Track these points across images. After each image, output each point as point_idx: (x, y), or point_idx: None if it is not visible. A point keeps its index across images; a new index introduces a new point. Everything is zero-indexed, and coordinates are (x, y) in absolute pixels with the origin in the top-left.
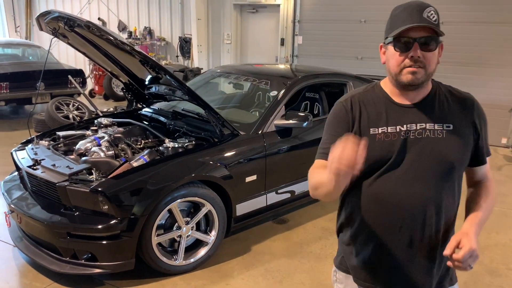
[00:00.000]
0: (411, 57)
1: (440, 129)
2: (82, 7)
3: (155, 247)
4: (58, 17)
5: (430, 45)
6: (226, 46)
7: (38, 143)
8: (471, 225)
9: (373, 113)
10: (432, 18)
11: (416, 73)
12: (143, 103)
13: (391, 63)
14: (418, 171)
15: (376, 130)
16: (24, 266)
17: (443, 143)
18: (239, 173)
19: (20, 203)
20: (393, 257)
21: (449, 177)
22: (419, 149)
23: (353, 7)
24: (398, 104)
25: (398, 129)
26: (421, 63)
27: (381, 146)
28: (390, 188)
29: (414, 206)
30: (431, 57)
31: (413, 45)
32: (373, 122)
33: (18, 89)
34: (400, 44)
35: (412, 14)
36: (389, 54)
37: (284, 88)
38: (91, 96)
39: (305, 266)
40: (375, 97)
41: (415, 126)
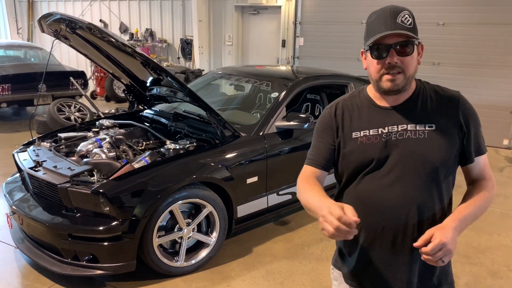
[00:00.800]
0: (388, 63)
1: (422, 129)
2: (84, 9)
3: (156, 249)
4: (60, 19)
5: (407, 50)
6: (227, 48)
7: (40, 144)
8: (451, 220)
9: (356, 117)
10: (407, 22)
11: (395, 80)
12: (145, 104)
13: (371, 70)
14: (400, 172)
15: (358, 133)
16: (25, 267)
17: (425, 143)
18: (240, 175)
19: (22, 205)
20: (377, 258)
21: (433, 178)
22: (400, 150)
23: (354, 9)
24: (380, 107)
25: (380, 131)
26: (399, 68)
27: (363, 149)
28: (373, 190)
29: (396, 207)
30: (409, 61)
31: (389, 52)
32: (356, 126)
33: (20, 90)
34: (377, 51)
35: (386, 21)
36: (369, 61)
37: (285, 89)
38: (93, 97)
39: (306, 267)
40: (359, 101)
41: (396, 128)
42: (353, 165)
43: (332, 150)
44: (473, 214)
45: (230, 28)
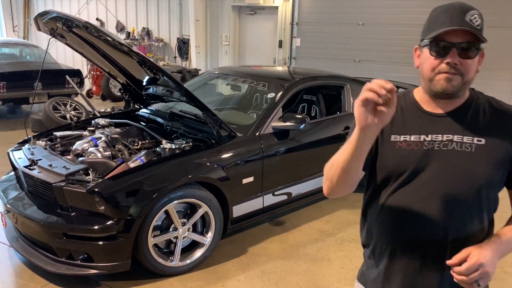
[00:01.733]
0: (447, 63)
1: (469, 142)
2: (81, 7)
3: (151, 248)
4: (56, 17)
5: (470, 52)
6: (224, 48)
7: (35, 143)
8: (493, 241)
9: (398, 119)
10: (475, 23)
11: (452, 80)
12: (141, 104)
13: (425, 67)
14: (439, 186)
15: (398, 137)
16: (20, 266)
17: (470, 158)
18: (236, 175)
19: (16, 203)
20: (404, 274)
21: (475, 196)
22: (442, 163)
23: (351, 10)
24: (426, 112)
25: (422, 138)
26: (458, 70)
27: (400, 155)
28: (406, 202)
29: (431, 223)
30: (470, 65)
31: (451, 50)
32: (396, 128)
33: (15, 88)
34: (437, 48)
35: (453, 16)
36: (424, 58)
37: (281, 90)
38: (89, 96)
39: (301, 268)
40: (404, 103)
41: (441, 137)
42: (386, 171)
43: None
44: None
45: (227, 28)
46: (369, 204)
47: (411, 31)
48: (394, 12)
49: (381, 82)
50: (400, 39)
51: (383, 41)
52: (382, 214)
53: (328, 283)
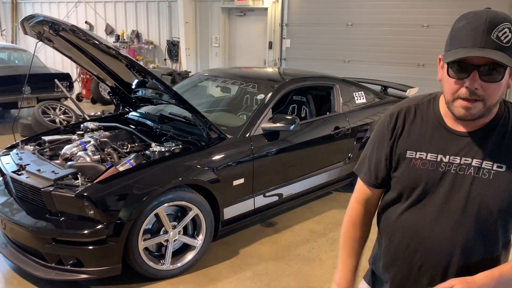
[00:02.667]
0: (467, 87)
1: (488, 168)
2: (69, 10)
3: (142, 252)
4: (42, 21)
5: (494, 75)
6: (214, 49)
7: (23, 148)
8: (485, 276)
9: (416, 133)
10: (504, 39)
11: (470, 108)
12: (130, 107)
13: (445, 88)
14: (451, 211)
15: (413, 154)
16: (9, 272)
17: (487, 186)
18: (226, 177)
19: (5, 209)
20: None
21: (487, 226)
22: (456, 187)
23: (341, 11)
24: (448, 129)
25: (440, 158)
26: (479, 96)
27: (414, 173)
28: (416, 223)
29: (438, 246)
30: (493, 89)
31: (471, 74)
32: (413, 143)
33: (3, 93)
34: (456, 70)
35: (477, 33)
36: (444, 77)
37: (271, 91)
38: (79, 100)
39: (293, 268)
40: (426, 114)
41: (459, 160)
42: (399, 188)
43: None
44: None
45: (217, 30)
46: (382, 213)
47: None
48: (383, 12)
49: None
50: (389, 39)
51: (372, 41)
52: (391, 230)
53: (320, 283)
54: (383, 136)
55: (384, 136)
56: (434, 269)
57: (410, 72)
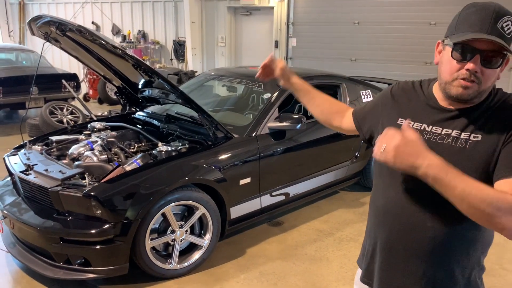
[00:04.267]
0: (468, 70)
1: (465, 138)
2: (76, 11)
3: (149, 251)
4: (49, 21)
5: (494, 61)
6: (220, 49)
7: (31, 148)
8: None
9: (411, 104)
10: (507, 30)
11: (468, 88)
12: (137, 106)
13: (445, 69)
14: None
15: (403, 121)
16: (17, 272)
17: (462, 154)
18: (233, 176)
19: (13, 209)
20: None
21: None
22: None
23: (347, 9)
24: (437, 104)
25: (423, 127)
26: (477, 79)
27: None
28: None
29: (413, 219)
30: (490, 74)
31: (475, 57)
32: (405, 112)
33: (11, 94)
34: (460, 52)
35: (484, 21)
36: (445, 58)
37: (277, 90)
38: (86, 100)
39: (300, 268)
40: (424, 91)
41: (440, 130)
42: None
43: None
44: (465, 185)
45: (223, 29)
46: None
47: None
48: (390, 10)
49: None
50: (396, 37)
51: (378, 40)
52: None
53: (327, 283)
54: (386, 100)
55: (386, 101)
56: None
57: (417, 70)
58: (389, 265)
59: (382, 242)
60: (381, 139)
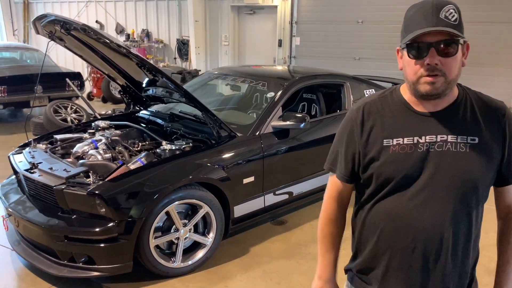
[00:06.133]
0: (428, 64)
1: (463, 142)
2: (80, 10)
3: (153, 250)
4: (54, 20)
5: (450, 49)
6: (224, 48)
7: (36, 146)
8: (502, 283)
9: (388, 122)
10: (452, 18)
11: (434, 83)
12: (141, 105)
13: (407, 71)
14: (436, 189)
15: (390, 141)
16: (22, 270)
17: (465, 159)
18: (236, 175)
19: (18, 207)
20: (407, 281)
21: (471, 198)
22: (438, 165)
23: (350, 8)
24: (417, 112)
25: (416, 140)
26: (440, 71)
27: (395, 159)
28: (404, 206)
29: (429, 228)
30: (451, 63)
31: (430, 51)
32: (388, 132)
33: (16, 92)
34: (415, 50)
35: (427, 16)
36: (405, 61)
37: (281, 89)
38: (90, 99)
39: (303, 267)
40: (392, 104)
41: (435, 138)
42: (382, 178)
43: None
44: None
45: (227, 28)
46: (360, 211)
47: None
48: (394, 9)
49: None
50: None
51: (382, 39)
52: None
53: None
54: (353, 131)
55: (354, 131)
56: (428, 251)
57: None
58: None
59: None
60: None
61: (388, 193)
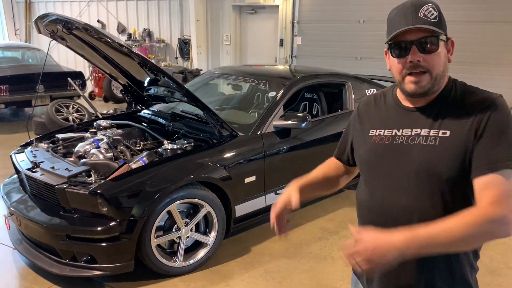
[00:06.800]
0: (410, 62)
1: (434, 135)
2: (81, 9)
3: (155, 249)
4: (56, 19)
5: (430, 46)
6: (225, 47)
7: (37, 145)
8: (405, 235)
9: (378, 114)
10: (431, 16)
11: (419, 82)
12: (142, 105)
13: (393, 71)
14: (404, 180)
15: (374, 131)
16: (23, 268)
17: (433, 152)
18: (238, 174)
19: (20, 206)
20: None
21: (442, 192)
22: (407, 157)
23: (352, 7)
24: (403, 107)
25: (394, 133)
26: (423, 68)
27: (372, 148)
28: (378, 194)
29: (398, 218)
30: (434, 59)
31: (411, 49)
32: (375, 123)
33: (18, 91)
34: (397, 49)
35: (406, 15)
36: (391, 61)
37: (282, 88)
38: (91, 98)
39: (305, 266)
40: (387, 98)
41: (410, 131)
42: (361, 164)
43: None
44: (442, 236)
45: (228, 28)
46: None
47: None
48: None
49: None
50: None
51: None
52: (358, 206)
53: (331, 281)
54: (351, 122)
55: (352, 122)
56: None
57: None
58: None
59: None
60: (348, 257)
61: (367, 179)
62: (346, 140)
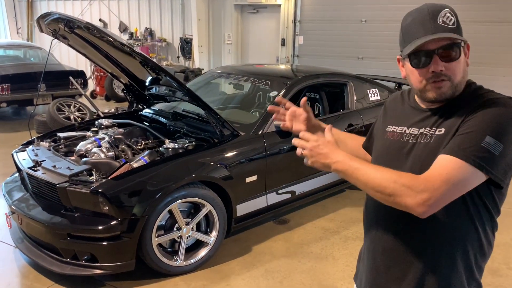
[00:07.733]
0: (433, 72)
1: (431, 133)
2: (83, 8)
3: (156, 248)
4: (58, 18)
5: (452, 54)
6: (227, 47)
7: (39, 144)
8: (345, 159)
9: (398, 111)
10: (449, 22)
11: (441, 87)
12: (144, 104)
13: (412, 80)
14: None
15: (390, 127)
16: (25, 267)
17: (427, 148)
18: (239, 174)
19: (21, 205)
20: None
21: None
22: (408, 155)
23: (354, 7)
24: (417, 107)
25: (404, 130)
26: (445, 76)
27: (384, 144)
28: None
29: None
30: (456, 66)
31: (433, 58)
32: (393, 120)
33: (19, 90)
34: (418, 59)
35: (424, 23)
36: (408, 70)
37: (284, 88)
38: (93, 97)
39: (305, 266)
40: (411, 96)
41: (416, 130)
42: (374, 158)
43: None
44: (361, 169)
45: (230, 27)
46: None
47: None
48: (397, 8)
49: None
50: None
51: (386, 38)
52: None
53: (332, 281)
54: (380, 114)
55: (380, 115)
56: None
57: None
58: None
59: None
60: (300, 141)
61: None
62: (372, 132)
